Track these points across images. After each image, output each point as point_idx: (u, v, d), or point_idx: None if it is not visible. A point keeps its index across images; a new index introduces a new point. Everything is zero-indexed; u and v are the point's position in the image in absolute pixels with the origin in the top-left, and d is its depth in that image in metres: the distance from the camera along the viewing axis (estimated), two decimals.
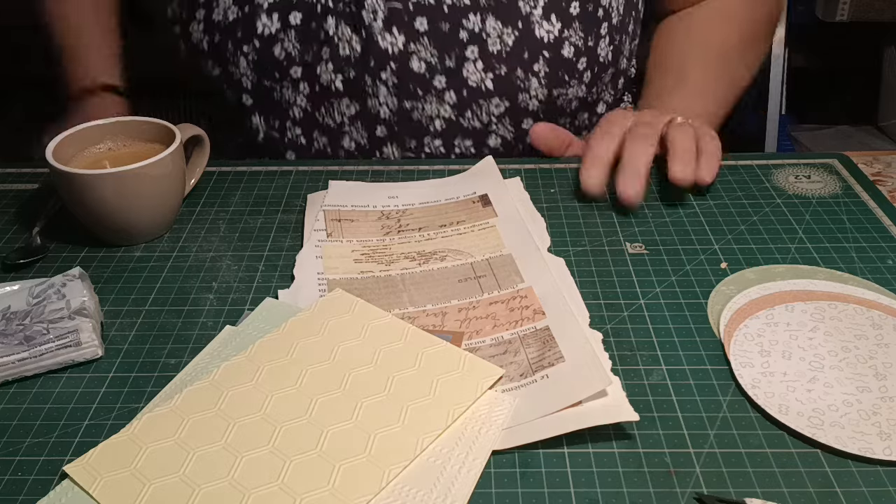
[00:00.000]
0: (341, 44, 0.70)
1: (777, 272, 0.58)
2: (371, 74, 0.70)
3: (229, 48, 0.73)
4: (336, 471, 0.43)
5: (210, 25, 0.73)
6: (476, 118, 0.72)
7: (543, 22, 0.69)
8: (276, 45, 0.71)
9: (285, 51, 0.71)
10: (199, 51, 0.74)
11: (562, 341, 0.51)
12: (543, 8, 0.69)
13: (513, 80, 0.69)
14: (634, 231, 0.64)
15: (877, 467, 0.44)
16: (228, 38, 0.72)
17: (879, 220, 0.64)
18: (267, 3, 0.71)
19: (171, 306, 0.57)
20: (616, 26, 0.75)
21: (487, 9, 0.68)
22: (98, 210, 0.61)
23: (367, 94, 0.71)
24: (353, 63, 0.71)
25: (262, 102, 0.75)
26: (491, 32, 0.67)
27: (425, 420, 0.46)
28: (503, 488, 0.43)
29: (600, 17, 0.72)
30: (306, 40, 0.71)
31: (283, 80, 0.73)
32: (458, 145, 0.74)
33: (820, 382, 0.49)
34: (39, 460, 0.45)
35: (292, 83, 0.73)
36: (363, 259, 0.60)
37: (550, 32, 0.69)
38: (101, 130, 0.65)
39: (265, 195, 0.70)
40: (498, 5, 0.68)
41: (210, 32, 0.73)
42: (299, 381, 0.49)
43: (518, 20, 0.68)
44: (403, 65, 0.69)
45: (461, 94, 0.70)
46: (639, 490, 0.43)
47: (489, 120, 0.72)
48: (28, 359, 0.50)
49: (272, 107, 0.75)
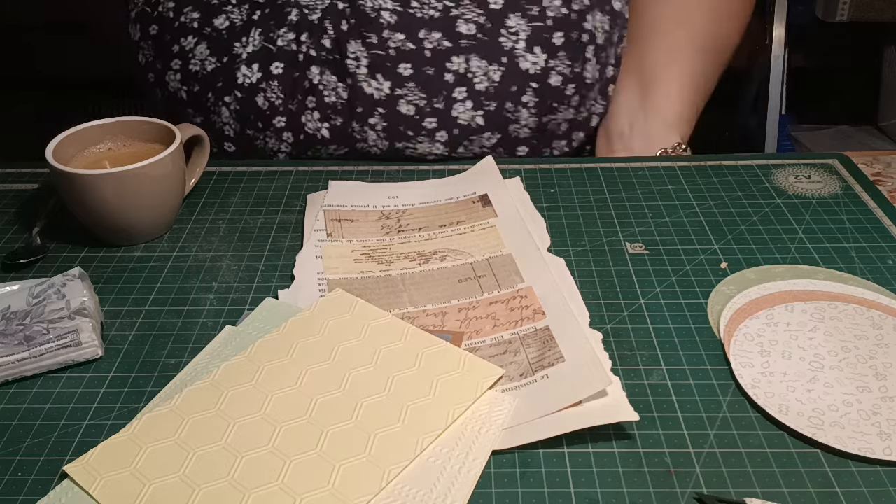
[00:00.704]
0: (326, 92, 0.70)
1: (777, 272, 0.58)
2: (359, 121, 0.70)
3: (210, 98, 0.72)
4: (336, 471, 0.43)
5: (188, 76, 0.72)
6: (468, 151, 0.72)
7: (528, 55, 0.69)
8: (259, 95, 0.71)
9: (268, 101, 0.71)
10: (177, 99, 0.73)
11: (562, 341, 0.51)
12: (526, 41, 0.68)
13: (503, 114, 0.70)
14: (634, 231, 0.64)
15: (877, 467, 0.44)
16: (209, 89, 0.71)
17: (879, 220, 0.64)
18: (245, 54, 0.70)
19: (171, 306, 0.57)
20: (602, 45, 0.74)
21: (470, 49, 0.67)
22: (98, 210, 0.61)
23: (355, 139, 0.71)
24: (340, 110, 0.70)
25: (246, 150, 0.75)
26: (476, 71, 0.68)
27: (425, 420, 0.46)
28: (503, 488, 0.43)
29: (585, 42, 0.72)
30: (290, 90, 0.70)
31: (266, 129, 0.72)
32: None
33: (820, 382, 0.49)
34: (39, 460, 0.45)
35: (275, 132, 0.72)
36: (363, 259, 0.60)
37: (536, 64, 0.69)
38: (101, 130, 0.65)
39: (265, 195, 0.70)
40: (480, 44, 0.68)
41: (188, 83, 0.72)
42: (299, 381, 0.49)
43: (502, 56, 0.68)
44: (391, 109, 0.69)
45: (452, 133, 0.70)
46: (639, 490, 0.43)
47: (482, 152, 0.72)
48: (28, 359, 0.50)
49: (256, 154, 0.75)
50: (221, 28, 0.71)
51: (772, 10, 1.46)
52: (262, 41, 0.70)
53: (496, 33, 0.68)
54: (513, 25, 0.68)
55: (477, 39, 0.67)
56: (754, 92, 1.52)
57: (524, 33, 0.68)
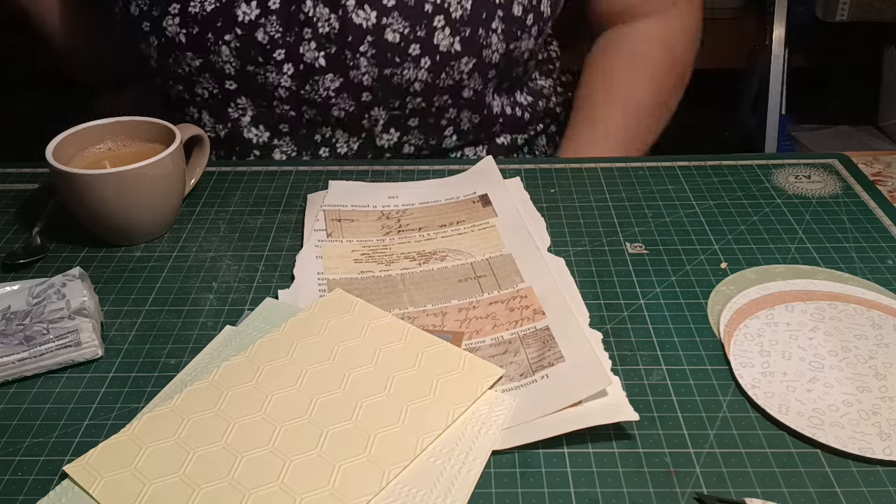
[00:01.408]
0: (320, 23, 0.73)
1: (777, 272, 0.58)
2: (351, 48, 0.74)
3: (210, 38, 0.74)
4: (336, 471, 0.43)
5: (187, 18, 0.74)
6: (449, 77, 0.76)
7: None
8: (259, 30, 0.74)
9: (268, 35, 0.74)
10: (174, 44, 0.75)
11: (562, 341, 0.51)
12: None
13: (476, 40, 0.75)
14: (634, 231, 0.64)
15: (877, 467, 0.44)
16: (209, 29, 0.74)
17: (879, 220, 0.64)
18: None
19: (171, 306, 0.57)
20: None
21: None
22: (98, 210, 0.61)
23: (348, 66, 0.75)
24: (333, 39, 0.74)
25: (247, 87, 0.77)
26: (451, 1, 0.73)
27: (425, 420, 0.46)
28: (503, 488, 0.43)
29: None
30: (288, 23, 0.74)
31: (267, 63, 0.75)
32: (436, 101, 0.78)
33: (820, 382, 0.49)
34: (39, 460, 0.45)
35: (276, 65, 0.75)
36: (363, 259, 0.60)
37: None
38: (101, 130, 0.65)
39: (265, 195, 0.70)
40: None
41: (187, 25, 0.74)
42: (299, 381, 0.49)
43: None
44: (379, 37, 0.73)
45: (434, 59, 0.75)
46: (639, 490, 0.43)
47: (461, 77, 0.77)
48: (28, 359, 0.50)
49: (257, 89, 0.77)
50: None
51: (772, 10, 1.46)
52: None
53: None
54: None
55: None
56: (754, 92, 1.52)
57: None
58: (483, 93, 0.81)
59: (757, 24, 1.52)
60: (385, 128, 0.79)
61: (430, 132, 0.81)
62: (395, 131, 0.80)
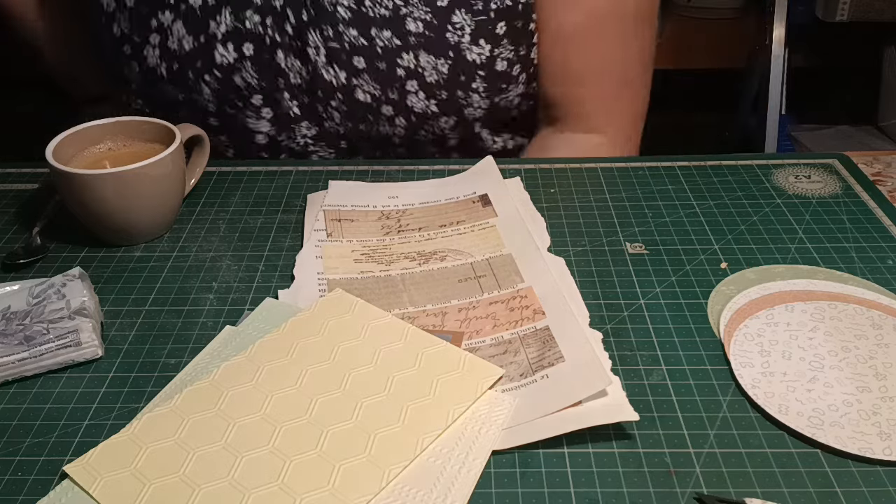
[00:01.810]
0: (292, 74, 0.73)
1: (777, 272, 0.58)
2: (321, 103, 0.74)
3: (190, 77, 0.74)
4: (336, 471, 0.43)
5: (166, 52, 0.74)
6: (431, 133, 0.76)
7: (473, 47, 0.72)
8: (236, 74, 0.74)
9: (244, 80, 0.74)
10: (156, 76, 0.75)
11: (562, 341, 0.51)
12: (471, 35, 0.71)
13: (456, 101, 0.73)
14: (634, 231, 0.64)
15: (877, 467, 0.44)
16: (188, 68, 0.74)
17: (879, 220, 0.64)
18: (220, 34, 0.73)
19: (171, 306, 0.57)
20: None
21: (418, 46, 0.71)
22: (98, 210, 0.61)
23: (322, 118, 0.75)
24: (306, 90, 0.74)
25: (228, 127, 0.78)
26: (426, 66, 0.71)
27: (425, 420, 0.46)
28: (503, 488, 0.43)
29: (532, 30, 0.74)
30: (262, 70, 0.74)
31: (246, 108, 0.76)
32: (420, 151, 0.78)
33: (820, 382, 0.49)
34: (39, 460, 0.45)
35: (255, 110, 0.76)
36: (363, 259, 0.60)
37: (481, 54, 0.72)
38: (101, 130, 0.65)
39: (265, 195, 0.70)
40: (427, 41, 0.71)
41: (168, 59, 0.74)
42: (299, 381, 0.49)
43: (448, 50, 0.71)
44: (349, 96, 0.73)
45: (410, 119, 0.74)
46: (639, 490, 0.43)
47: (443, 133, 0.76)
48: (28, 359, 0.50)
49: (238, 131, 0.78)
50: (195, 6, 0.73)
51: (772, 10, 1.46)
52: (232, 21, 0.72)
53: (443, 29, 0.71)
54: (458, 21, 0.71)
55: (425, 36, 0.71)
56: (754, 92, 1.52)
57: (469, 27, 0.71)
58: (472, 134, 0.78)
59: (757, 24, 1.52)
60: None
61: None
62: None
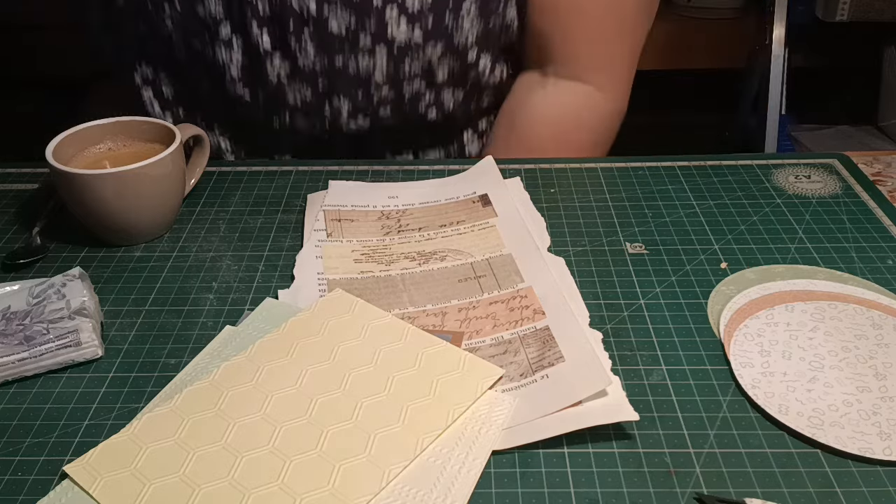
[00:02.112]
0: (260, 3, 0.68)
1: (777, 272, 0.58)
2: (294, 34, 0.68)
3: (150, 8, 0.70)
4: (336, 471, 0.43)
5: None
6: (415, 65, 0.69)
7: None
8: (198, 3, 0.69)
9: (207, 9, 0.69)
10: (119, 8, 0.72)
11: (562, 341, 0.51)
12: None
13: (443, 28, 0.66)
14: (634, 231, 0.64)
15: (877, 467, 0.44)
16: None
17: (879, 220, 0.64)
18: None
19: (171, 306, 0.57)
20: None
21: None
22: (98, 210, 0.61)
23: (295, 52, 0.69)
24: (275, 21, 0.68)
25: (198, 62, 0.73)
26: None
27: (425, 420, 0.46)
28: (503, 488, 0.43)
29: None
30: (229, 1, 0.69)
31: (214, 42, 0.71)
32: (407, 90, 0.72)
33: (820, 382, 0.49)
34: (39, 460, 0.45)
35: (224, 43, 0.71)
36: (363, 259, 0.60)
37: None
38: (101, 130, 0.65)
39: (265, 195, 0.70)
40: None
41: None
42: (299, 381, 0.49)
43: None
44: (322, 26, 0.66)
45: (392, 51, 0.67)
46: (639, 490, 0.43)
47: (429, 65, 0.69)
48: (28, 359, 0.50)
49: (209, 67, 0.73)
50: None
51: (772, 10, 1.46)
52: None
53: None
54: None
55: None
56: (754, 92, 1.52)
57: None
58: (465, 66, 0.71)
59: (757, 24, 1.52)
60: (352, 114, 0.73)
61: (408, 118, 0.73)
62: (365, 118, 0.73)
